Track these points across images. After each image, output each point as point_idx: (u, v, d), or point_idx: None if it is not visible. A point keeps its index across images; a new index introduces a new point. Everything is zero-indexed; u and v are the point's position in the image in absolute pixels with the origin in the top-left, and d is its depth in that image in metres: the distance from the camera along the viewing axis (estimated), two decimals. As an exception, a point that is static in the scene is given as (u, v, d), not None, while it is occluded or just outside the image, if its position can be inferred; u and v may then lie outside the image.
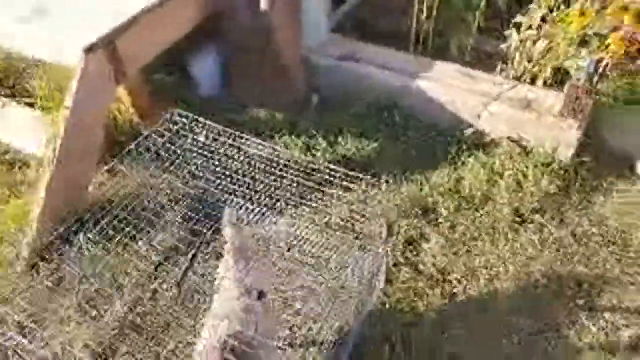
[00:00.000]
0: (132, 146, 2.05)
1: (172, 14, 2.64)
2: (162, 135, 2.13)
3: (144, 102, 2.91)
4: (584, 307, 2.06)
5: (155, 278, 2.18)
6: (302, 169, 2.06)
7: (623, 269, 2.21)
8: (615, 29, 2.41)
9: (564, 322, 2.02)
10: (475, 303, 2.12)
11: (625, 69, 2.91)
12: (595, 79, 2.61)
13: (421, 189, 2.54)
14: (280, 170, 2.07)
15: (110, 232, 2.13)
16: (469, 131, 2.72)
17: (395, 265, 2.23)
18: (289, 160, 2.08)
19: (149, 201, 2.29)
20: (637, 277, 2.17)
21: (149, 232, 2.23)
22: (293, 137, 2.81)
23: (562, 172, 2.54)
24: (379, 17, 3.28)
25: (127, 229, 2.16)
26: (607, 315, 2.04)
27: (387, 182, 2.50)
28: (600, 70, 2.60)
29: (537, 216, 2.41)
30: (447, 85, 2.82)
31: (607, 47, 2.35)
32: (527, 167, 2.55)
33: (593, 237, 2.32)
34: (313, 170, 2.00)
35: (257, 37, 2.82)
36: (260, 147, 2.08)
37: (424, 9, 2.93)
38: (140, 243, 2.26)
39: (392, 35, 3.10)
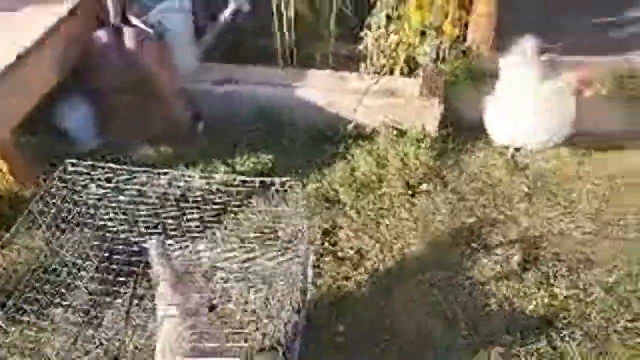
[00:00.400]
0: (32, 208, 1.96)
1: (37, 67, 2.56)
2: (60, 191, 2.07)
3: (20, 166, 2.74)
4: (479, 249, 2.43)
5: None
6: (211, 190, 2.14)
7: (500, 211, 2.63)
8: (446, 16, 2.88)
9: (467, 265, 2.36)
10: (395, 271, 2.37)
11: (460, 50, 3.47)
12: (439, 62, 3.09)
13: (322, 186, 2.76)
14: (191, 196, 2.13)
15: (24, 307, 2.00)
16: (350, 126, 3.01)
17: (319, 258, 2.40)
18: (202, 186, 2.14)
19: (59, 263, 2.18)
20: (509, 214, 2.60)
21: (68, 294, 2.13)
22: (189, 167, 2.86)
23: (434, 144, 2.93)
24: (243, 41, 3.48)
25: (41, 298, 2.05)
26: (498, 250, 2.42)
27: (302, 184, 2.64)
28: (441, 54, 3.07)
29: (424, 185, 2.75)
30: (322, 89, 3.09)
31: (443, 33, 2.80)
32: (406, 146, 2.90)
33: (471, 192, 2.72)
34: (226, 186, 2.10)
35: (130, 75, 2.82)
36: (164, 178, 2.12)
37: (284, 29, 3.18)
38: (58, 310, 2.14)
39: (258, 57, 3.31)
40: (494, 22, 3.44)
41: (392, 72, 3.14)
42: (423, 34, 2.96)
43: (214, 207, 2.17)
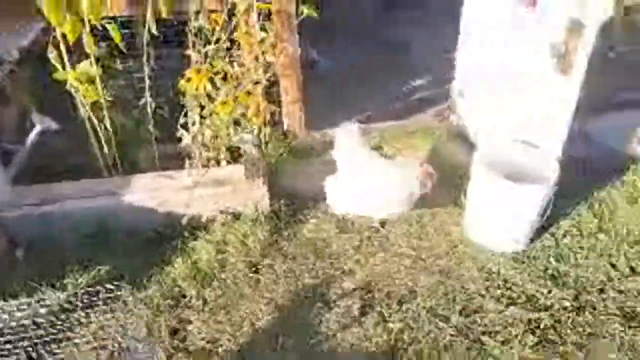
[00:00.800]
0: None
1: None
2: None
3: None
4: (323, 305, 2.60)
5: None
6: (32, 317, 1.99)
7: (336, 267, 2.86)
8: (257, 107, 3.21)
9: (314, 323, 2.50)
10: (247, 348, 2.40)
11: (280, 133, 3.85)
12: (263, 145, 3.38)
13: (164, 285, 2.73)
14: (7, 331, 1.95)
15: None
16: (184, 220, 3.07)
17: (169, 358, 2.32)
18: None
19: None
20: (344, 268, 2.84)
21: None
22: (9, 299, 2.61)
23: (268, 220, 3.12)
24: (56, 159, 3.36)
25: None
26: (339, 302, 2.61)
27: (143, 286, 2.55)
28: (263, 138, 3.37)
29: (265, 261, 2.89)
30: (150, 190, 3.12)
31: (249, 120, 3.10)
32: (243, 227, 3.04)
33: (307, 255, 2.93)
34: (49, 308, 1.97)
35: None
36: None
37: (101, 140, 3.19)
38: None
39: (76, 172, 3.22)
40: (301, 106, 3.92)
41: (218, 163, 3.34)
42: (238, 124, 3.25)
43: (39, 333, 2.01)
